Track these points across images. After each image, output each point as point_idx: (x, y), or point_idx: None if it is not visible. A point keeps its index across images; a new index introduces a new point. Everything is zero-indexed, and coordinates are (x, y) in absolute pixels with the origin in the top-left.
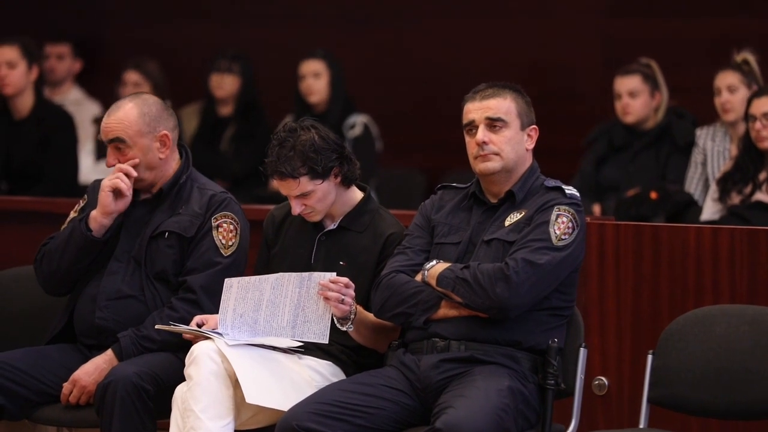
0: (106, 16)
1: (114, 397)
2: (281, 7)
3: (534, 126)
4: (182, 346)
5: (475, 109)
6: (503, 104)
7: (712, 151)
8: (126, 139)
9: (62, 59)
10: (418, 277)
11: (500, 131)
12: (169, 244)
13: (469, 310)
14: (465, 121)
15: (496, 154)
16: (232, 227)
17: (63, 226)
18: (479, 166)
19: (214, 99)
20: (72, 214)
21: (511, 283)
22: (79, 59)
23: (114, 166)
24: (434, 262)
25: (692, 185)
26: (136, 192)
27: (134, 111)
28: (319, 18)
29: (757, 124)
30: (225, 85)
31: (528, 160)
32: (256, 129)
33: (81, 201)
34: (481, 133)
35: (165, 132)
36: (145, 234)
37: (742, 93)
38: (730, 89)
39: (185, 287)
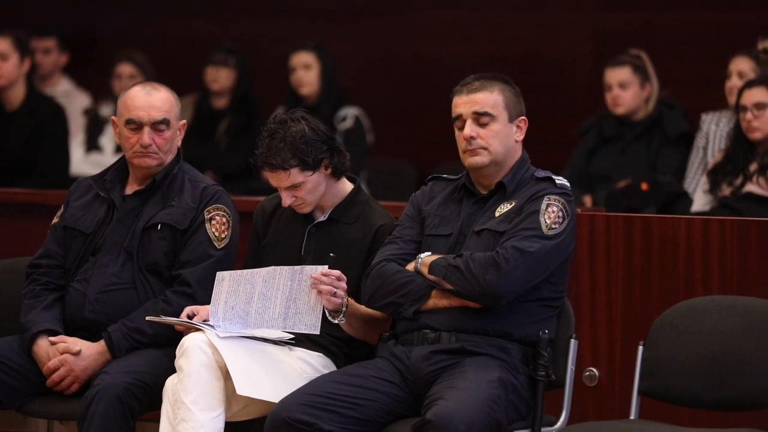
0: (95, 8)
1: (96, 411)
2: (272, 0)
3: (523, 117)
4: (174, 339)
5: (462, 103)
6: (490, 98)
7: (714, 135)
8: (171, 121)
9: (48, 53)
10: (411, 266)
11: (488, 125)
12: (161, 236)
13: (460, 298)
14: (453, 114)
15: (484, 148)
16: (224, 220)
17: (50, 226)
18: (468, 161)
19: (208, 92)
20: (55, 220)
21: (501, 270)
22: (66, 52)
23: (147, 145)
24: (429, 253)
25: (692, 170)
26: (125, 185)
27: (170, 95)
28: (310, 10)
29: (748, 115)
30: (220, 78)
31: (518, 152)
32: (250, 122)
33: (62, 206)
34: (469, 128)
35: (184, 121)
36: (138, 226)
37: None
38: (740, 75)
39: (180, 281)
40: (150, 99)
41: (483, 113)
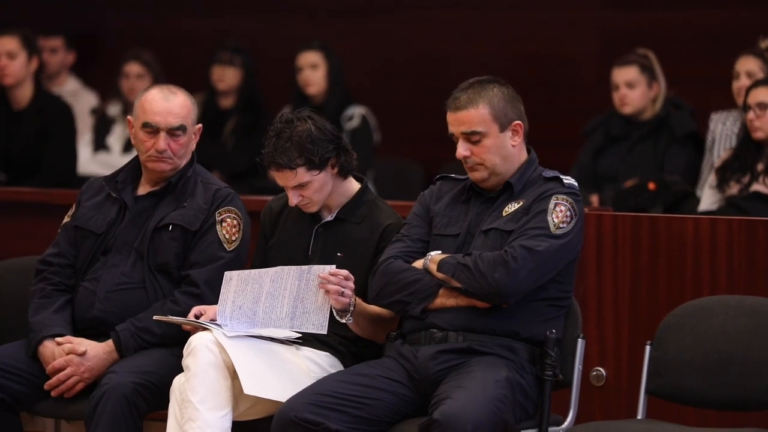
0: (102, 7)
1: (104, 411)
2: None
3: (518, 121)
4: (181, 339)
5: (452, 122)
6: (476, 115)
7: (721, 134)
8: (188, 127)
9: (55, 52)
10: (419, 263)
11: (479, 142)
12: (172, 237)
13: (467, 297)
14: (448, 130)
15: (480, 164)
16: (235, 222)
17: (59, 228)
18: (469, 175)
19: (215, 91)
20: (66, 219)
21: (509, 269)
22: (73, 51)
23: (162, 150)
24: (439, 251)
25: (704, 173)
26: (136, 186)
27: (188, 100)
28: (316, 10)
29: (750, 114)
30: (226, 77)
31: (519, 155)
32: (257, 122)
33: (74, 205)
34: (461, 148)
35: (200, 125)
36: (149, 226)
37: None
38: (749, 75)
39: (188, 281)
40: (168, 104)
41: (470, 132)
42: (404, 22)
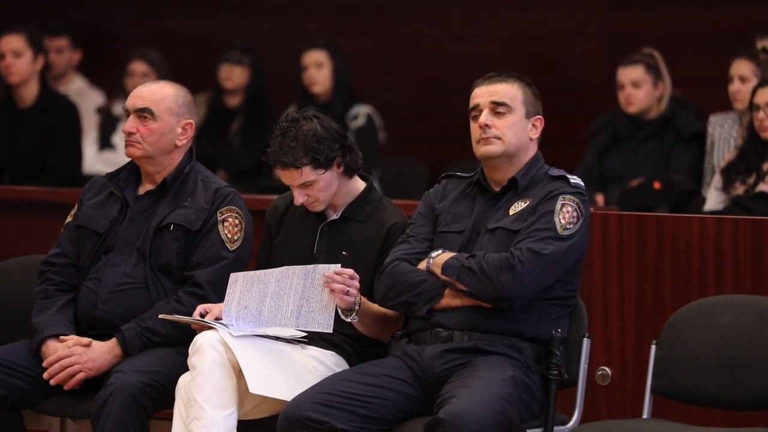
0: (108, 6)
1: (111, 410)
2: None
3: (539, 117)
4: (187, 339)
5: (481, 93)
6: (510, 90)
7: (719, 137)
8: (154, 111)
9: (61, 52)
10: (422, 265)
11: (504, 116)
12: (174, 237)
13: (473, 299)
14: (471, 105)
15: (498, 138)
16: (237, 222)
17: (64, 225)
18: (480, 150)
19: (221, 90)
20: (68, 219)
21: (516, 273)
22: (78, 50)
23: (131, 133)
24: (440, 251)
25: (707, 175)
26: (138, 185)
27: (170, 90)
28: (322, 9)
29: (760, 114)
30: (234, 76)
31: (531, 150)
32: (263, 121)
33: (76, 205)
34: (485, 116)
35: (190, 121)
36: (150, 226)
37: (752, 84)
38: (741, 79)
39: (192, 282)
40: (142, 89)
41: (501, 103)
42: (409, 22)
